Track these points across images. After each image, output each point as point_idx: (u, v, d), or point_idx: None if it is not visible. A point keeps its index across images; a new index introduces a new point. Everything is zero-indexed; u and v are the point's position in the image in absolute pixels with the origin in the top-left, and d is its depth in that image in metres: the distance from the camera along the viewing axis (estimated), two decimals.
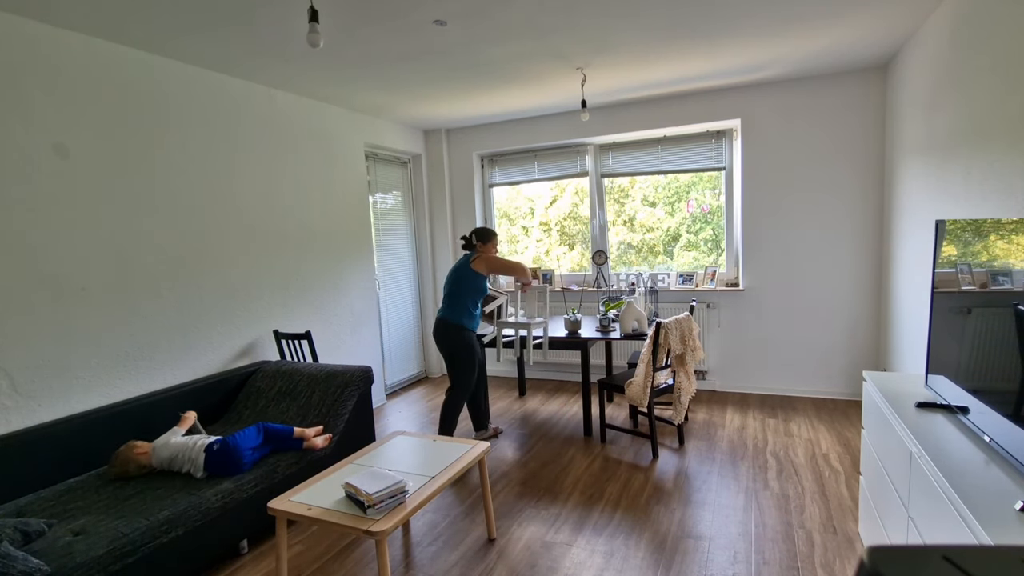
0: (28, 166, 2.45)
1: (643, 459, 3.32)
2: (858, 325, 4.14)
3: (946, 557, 0.55)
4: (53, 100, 2.54)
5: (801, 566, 2.23)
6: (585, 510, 2.76)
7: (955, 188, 2.65)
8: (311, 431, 2.77)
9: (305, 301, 3.96)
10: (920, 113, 3.15)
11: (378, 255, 4.86)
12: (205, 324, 3.23)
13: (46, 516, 2.11)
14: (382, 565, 1.88)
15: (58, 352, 2.55)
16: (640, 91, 4.24)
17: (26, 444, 2.34)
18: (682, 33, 3.03)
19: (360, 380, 3.14)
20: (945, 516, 1.34)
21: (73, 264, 2.61)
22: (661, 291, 4.70)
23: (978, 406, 1.57)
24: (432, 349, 5.59)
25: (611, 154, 4.91)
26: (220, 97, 3.33)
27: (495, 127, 5.18)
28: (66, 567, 1.79)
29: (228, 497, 2.33)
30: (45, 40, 2.51)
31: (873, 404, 2.14)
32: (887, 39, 3.30)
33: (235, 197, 3.42)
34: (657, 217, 5.00)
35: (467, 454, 2.40)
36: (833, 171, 4.09)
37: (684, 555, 2.34)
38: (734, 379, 4.57)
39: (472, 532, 2.62)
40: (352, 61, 3.23)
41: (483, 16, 2.68)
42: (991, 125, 2.26)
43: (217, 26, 2.64)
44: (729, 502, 2.76)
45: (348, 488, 2.02)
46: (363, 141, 4.55)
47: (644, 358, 3.24)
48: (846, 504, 2.68)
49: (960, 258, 1.77)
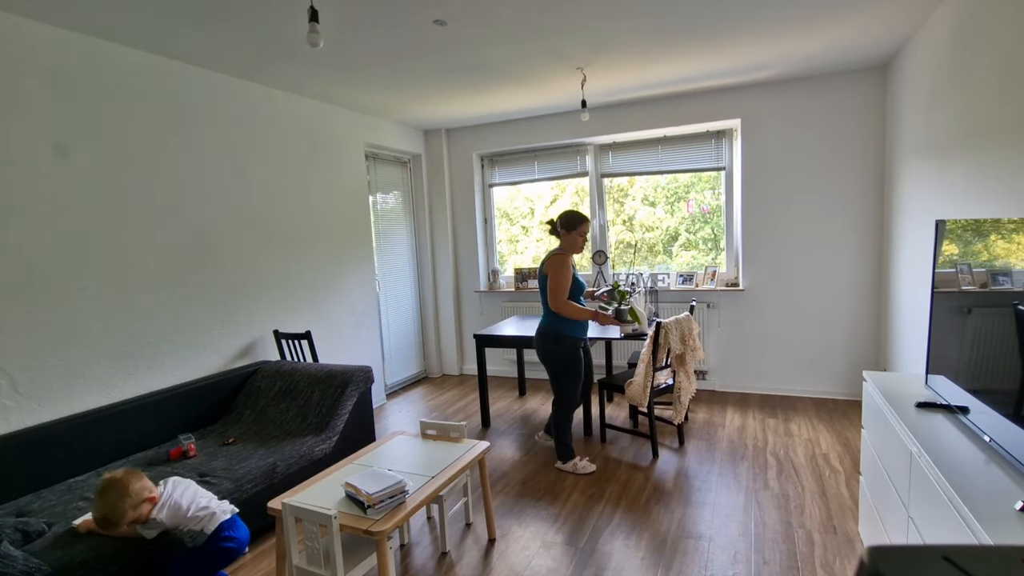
0: (28, 166, 2.45)
1: (643, 459, 3.32)
2: (858, 325, 4.14)
3: (946, 557, 0.55)
4: (53, 100, 2.54)
5: (801, 566, 2.22)
6: (585, 510, 2.76)
7: (955, 188, 2.65)
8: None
9: (305, 301, 3.95)
10: (920, 113, 3.15)
11: (378, 255, 4.86)
12: (205, 324, 3.23)
13: (46, 516, 2.11)
14: (382, 565, 1.88)
15: (58, 352, 2.55)
16: (640, 91, 4.24)
17: (26, 444, 2.34)
18: (682, 33, 3.03)
19: (360, 380, 3.14)
20: (945, 516, 1.34)
21: (73, 264, 2.61)
22: (661, 291, 4.70)
23: (978, 406, 1.57)
24: (432, 349, 5.59)
25: (611, 154, 4.91)
26: (220, 97, 3.33)
27: (495, 127, 5.18)
28: (66, 567, 1.79)
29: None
30: (45, 40, 2.51)
31: (873, 404, 2.14)
32: (887, 39, 3.30)
33: (235, 197, 3.42)
34: (657, 217, 5.00)
35: (467, 454, 2.40)
36: (833, 171, 4.09)
37: (684, 555, 2.34)
38: (734, 379, 4.57)
39: (472, 532, 2.62)
40: (352, 61, 3.23)
41: (483, 16, 2.68)
42: (991, 125, 2.26)
43: (217, 26, 2.64)
44: (729, 502, 2.76)
45: (348, 488, 2.02)
46: (363, 141, 4.55)
47: (644, 358, 3.24)
48: (846, 504, 2.68)
49: (960, 258, 1.77)
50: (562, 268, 2.98)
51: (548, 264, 3.02)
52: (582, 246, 3.09)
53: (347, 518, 1.90)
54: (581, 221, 3.03)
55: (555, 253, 3.06)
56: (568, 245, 3.07)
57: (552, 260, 3.02)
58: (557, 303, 2.96)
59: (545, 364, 3.13)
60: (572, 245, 3.06)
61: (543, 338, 3.10)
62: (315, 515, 1.87)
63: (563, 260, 3.00)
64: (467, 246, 5.46)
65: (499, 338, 3.91)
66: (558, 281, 2.97)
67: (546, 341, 3.09)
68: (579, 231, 3.04)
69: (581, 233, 3.04)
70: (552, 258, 3.03)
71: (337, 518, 1.85)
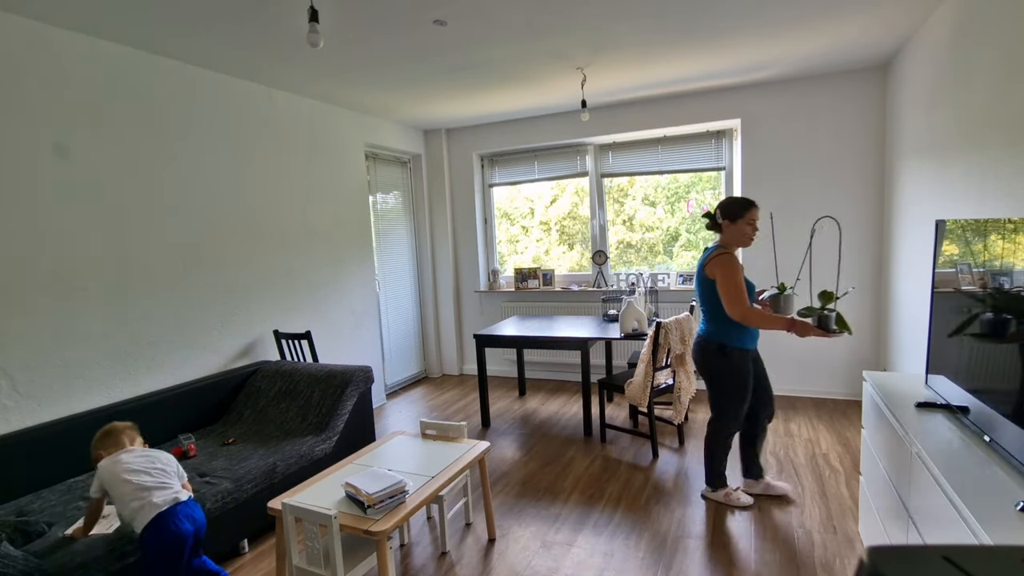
0: (28, 166, 2.45)
1: (643, 459, 3.32)
2: (858, 325, 4.14)
3: (946, 557, 0.55)
4: (53, 100, 2.54)
5: (801, 566, 2.22)
6: (585, 510, 2.76)
7: (955, 188, 2.65)
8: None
9: (305, 301, 3.95)
10: (920, 113, 3.15)
11: (378, 255, 4.86)
12: (205, 324, 3.23)
13: (46, 516, 2.11)
14: (382, 565, 1.88)
15: (58, 352, 2.55)
16: (640, 91, 4.24)
17: (26, 444, 2.34)
18: (682, 33, 3.03)
19: (360, 380, 3.14)
20: (945, 516, 1.34)
21: (74, 264, 2.61)
22: (661, 291, 4.70)
23: (978, 406, 1.57)
24: (432, 349, 5.59)
25: (611, 154, 4.91)
26: (220, 97, 3.33)
27: (495, 127, 5.18)
28: (66, 567, 1.79)
29: (228, 497, 2.33)
30: (45, 40, 2.51)
31: (873, 404, 2.14)
32: (887, 39, 3.30)
33: (235, 197, 3.42)
34: (657, 217, 5.00)
35: (467, 454, 2.40)
36: (833, 171, 4.09)
37: (684, 555, 2.34)
38: None
39: (472, 532, 2.62)
40: (352, 61, 3.23)
41: (483, 16, 2.68)
42: (991, 125, 2.26)
43: (217, 26, 2.64)
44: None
45: (348, 488, 2.02)
46: (363, 141, 4.55)
47: (644, 358, 3.24)
48: (846, 504, 2.68)
49: (960, 258, 1.77)
50: (734, 268, 2.46)
51: (713, 265, 2.51)
52: (751, 237, 2.55)
53: (347, 518, 1.90)
54: (748, 207, 2.52)
55: (719, 251, 2.53)
56: (734, 238, 2.56)
57: (717, 260, 2.50)
58: (739, 311, 2.44)
59: (706, 379, 2.68)
60: (739, 237, 2.55)
61: (705, 351, 2.64)
62: (315, 515, 1.87)
63: (732, 259, 2.48)
64: (467, 246, 5.46)
65: (499, 338, 3.91)
66: (734, 284, 2.44)
67: (709, 355, 2.62)
68: (747, 219, 2.52)
69: (750, 221, 2.52)
70: (716, 257, 2.51)
71: (337, 518, 1.85)
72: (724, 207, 2.57)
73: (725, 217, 2.56)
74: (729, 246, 2.58)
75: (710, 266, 2.52)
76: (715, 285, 2.51)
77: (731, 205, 2.55)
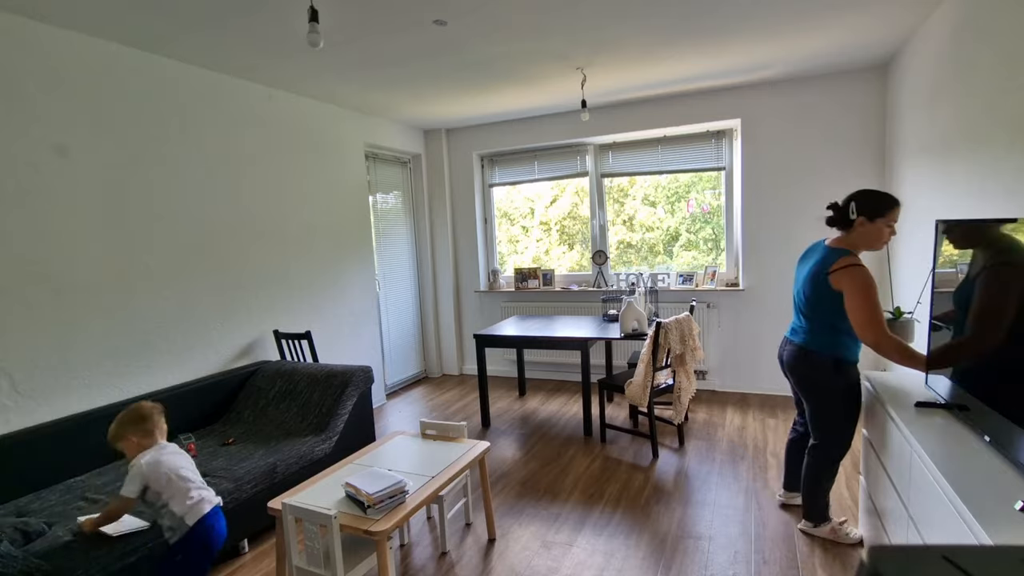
0: (28, 166, 2.45)
1: (643, 459, 3.32)
2: None
3: (946, 557, 0.55)
4: (53, 100, 2.54)
5: (801, 566, 2.22)
6: (585, 510, 2.76)
7: (955, 188, 2.65)
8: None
9: (305, 301, 3.95)
10: (920, 113, 3.15)
11: (378, 255, 4.86)
12: (205, 324, 3.23)
13: (46, 516, 2.11)
14: (382, 565, 1.88)
15: (58, 352, 2.55)
16: (640, 91, 4.24)
17: (26, 444, 2.34)
18: (682, 33, 3.03)
19: (360, 380, 3.14)
20: (945, 516, 1.34)
21: (73, 264, 2.61)
22: (661, 291, 4.69)
23: (978, 406, 1.57)
24: (432, 349, 5.58)
25: (611, 154, 4.91)
26: (219, 97, 3.33)
27: (495, 127, 5.18)
28: (66, 567, 1.79)
29: (228, 497, 2.32)
30: (45, 40, 2.51)
31: (873, 404, 2.14)
32: (887, 39, 3.30)
33: (234, 197, 3.42)
34: (657, 217, 5.00)
35: (467, 454, 2.40)
36: (833, 171, 4.09)
37: (684, 555, 2.34)
38: (734, 379, 4.57)
39: (472, 532, 2.62)
40: (352, 61, 3.23)
41: (483, 16, 2.68)
42: (992, 125, 2.26)
43: (216, 26, 2.64)
44: (729, 502, 2.76)
45: (348, 488, 2.02)
46: (363, 141, 4.55)
47: (644, 358, 3.24)
48: (846, 504, 2.68)
49: (960, 258, 1.77)
50: (870, 284, 1.99)
51: (845, 277, 2.03)
52: (886, 242, 2.12)
53: (347, 518, 1.90)
54: (894, 205, 2.08)
55: (850, 261, 2.04)
56: (865, 239, 2.11)
57: (850, 272, 2.02)
58: (874, 337, 1.97)
59: (813, 398, 2.24)
60: (873, 240, 2.10)
61: (816, 368, 2.20)
62: (315, 515, 1.87)
63: (868, 274, 2.01)
64: (467, 246, 5.46)
65: (499, 338, 3.91)
66: (872, 304, 1.97)
67: (822, 372, 2.18)
68: (888, 219, 2.07)
69: (890, 222, 2.08)
70: (848, 268, 2.02)
71: (337, 518, 1.85)
72: (863, 201, 2.08)
73: (862, 213, 2.08)
74: (857, 248, 2.12)
75: (839, 276, 2.04)
76: (840, 297, 2.06)
77: (873, 199, 2.07)
